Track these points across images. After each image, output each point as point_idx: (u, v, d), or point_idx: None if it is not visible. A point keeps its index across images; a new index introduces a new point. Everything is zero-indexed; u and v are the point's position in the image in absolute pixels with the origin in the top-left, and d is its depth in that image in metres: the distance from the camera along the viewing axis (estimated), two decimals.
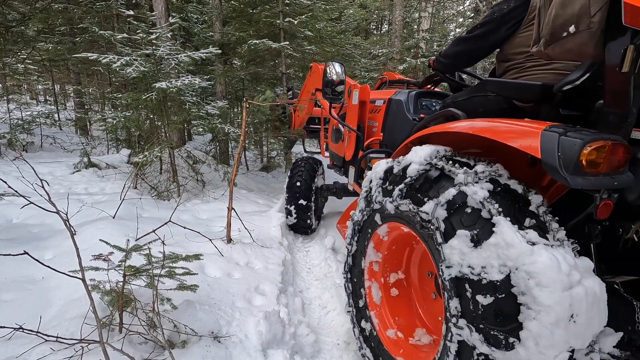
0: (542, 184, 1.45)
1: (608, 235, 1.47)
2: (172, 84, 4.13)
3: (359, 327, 2.01)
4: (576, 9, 1.19)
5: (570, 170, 1.12)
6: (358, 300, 2.05)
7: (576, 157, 1.11)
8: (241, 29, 7.24)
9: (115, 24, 7.38)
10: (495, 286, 1.15)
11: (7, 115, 7.27)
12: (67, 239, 2.57)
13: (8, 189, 2.18)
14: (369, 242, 1.99)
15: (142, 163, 4.25)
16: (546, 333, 1.05)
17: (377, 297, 2.01)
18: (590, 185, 1.13)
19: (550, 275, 1.06)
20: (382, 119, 2.97)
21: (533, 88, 1.56)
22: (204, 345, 1.81)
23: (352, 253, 2.12)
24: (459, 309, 1.26)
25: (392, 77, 3.72)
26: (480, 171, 1.38)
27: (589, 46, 1.21)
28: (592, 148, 1.11)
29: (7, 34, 6.76)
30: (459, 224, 1.29)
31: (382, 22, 20.07)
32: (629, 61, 1.11)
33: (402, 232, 1.77)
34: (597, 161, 1.12)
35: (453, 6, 15.39)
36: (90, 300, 1.63)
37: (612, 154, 1.13)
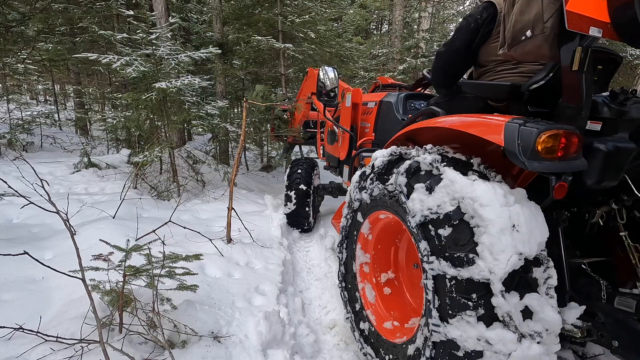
0: (512, 172, 1.60)
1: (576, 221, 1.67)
2: (172, 84, 4.13)
3: (358, 330, 2.08)
4: (532, 15, 1.37)
5: (527, 156, 1.28)
6: (354, 304, 2.14)
7: (532, 144, 1.26)
8: (241, 29, 7.25)
9: (115, 24, 7.38)
10: (450, 217, 1.37)
11: (7, 115, 7.27)
12: (67, 239, 2.57)
13: (8, 189, 2.18)
14: (356, 244, 2.15)
15: (142, 163, 4.24)
16: (495, 241, 1.25)
17: (371, 296, 2.12)
18: (545, 169, 1.29)
19: (489, 196, 1.30)
20: (373, 120, 3.12)
21: (503, 88, 1.73)
22: (204, 345, 1.81)
23: (343, 261, 2.28)
24: (428, 248, 1.45)
25: (384, 82, 3.85)
26: (429, 148, 1.65)
27: (544, 48, 1.39)
28: (546, 136, 1.26)
29: (7, 34, 6.75)
30: (416, 181, 1.54)
31: (382, 22, 20.06)
32: (577, 61, 1.29)
33: (381, 221, 1.99)
34: (553, 148, 1.28)
35: (453, 6, 15.39)
36: (90, 300, 1.63)
37: (565, 142, 1.29)
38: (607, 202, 1.59)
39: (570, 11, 1.20)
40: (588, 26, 1.22)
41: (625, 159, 1.43)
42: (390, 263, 2.21)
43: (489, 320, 1.27)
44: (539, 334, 1.26)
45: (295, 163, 4.27)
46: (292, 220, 4.06)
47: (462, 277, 1.32)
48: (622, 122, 1.45)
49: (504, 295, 1.24)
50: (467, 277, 1.30)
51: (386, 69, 11.12)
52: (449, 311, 1.36)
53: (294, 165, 4.20)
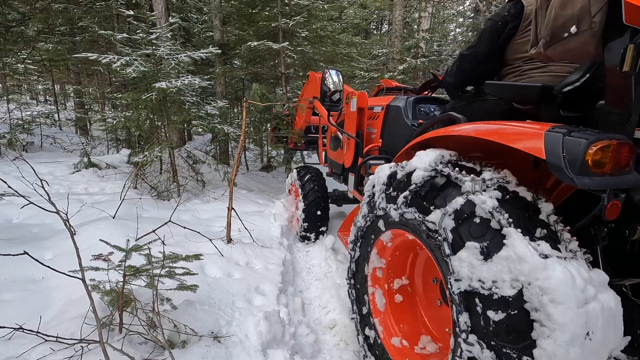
0: (546, 185, 1.44)
1: (614, 238, 1.43)
2: (172, 84, 4.13)
3: (363, 335, 1.99)
4: (576, 9, 1.19)
5: (576, 171, 1.10)
6: (362, 307, 2.03)
7: (582, 157, 1.09)
8: (241, 28, 7.25)
9: (115, 24, 7.38)
10: (507, 302, 1.10)
11: (7, 115, 7.27)
12: (67, 239, 2.57)
13: (8, 189, 2.18)
14: (372, 248, 1.95)
15: (142, 163, 4.25)
16: (561, 352, 1.00)
17: (380, 304, 1.97)
18: (597, 186, 1.11)
19: (565, 291, 1.02)
20: (380, 126, 2.98)
21: (533, 89, 1.56)
22: (204, 345, 1.81)
23: (355, 259, 2.10)
24: (469, 324, 1.22)
25: (388, 85, 3.71)
26: (488, 178, 1.33)
27: (590, 46, 1.20)
28: (597, 148, 1.09)
29: (7, 34, 6.75)
30: (468, 235, 1.24)
31: (382, 22, 20.06)
32: (629, 60, 1.11)
33: (407, 239, 1.73)
34: (603, 161, 1.11)
35: (453, 6, 15.39)
36: (90, 300, 1.63)
37: (617, 154, 1.12)
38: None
39: (629, 2, 1.04)
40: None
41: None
42: (406, 269, 2.03)
43: None
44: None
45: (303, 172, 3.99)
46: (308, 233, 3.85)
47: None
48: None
49: None
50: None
51: (386, 69, 11.12)
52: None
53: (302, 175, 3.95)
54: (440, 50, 10.82)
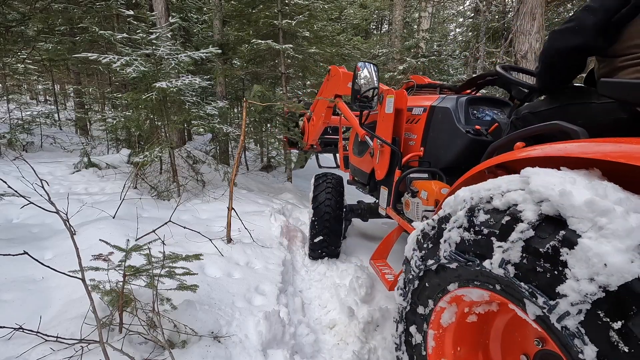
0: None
1: None
2: (172, 84, 4.14)
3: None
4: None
5: None
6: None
7: None
8: (241, 28, 7.25)
9: (115, 24, 7.39)
10: None
11: (7, 115, 7.27)
12: (67, 239, 2.57)
13: (8, 189, 2.18)
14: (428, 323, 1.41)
15: (142, 163, 4.25)
16: None
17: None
18: None
19: None
20: (421, 131, 2.47)
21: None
22: (204, 345, 1.81)
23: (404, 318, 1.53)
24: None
25: (420, 81, 3.17)
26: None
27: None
28: None
29: (7, 34, 6.76)
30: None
31: (382, 22, 20.06)
32: None
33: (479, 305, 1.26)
34: None
35: (453, 6, 15.39)
36: (90, 300, 1.63)
37: None
38: None
39: None
40: None
41: None
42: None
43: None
44: None
45: (321, 180, 3.43)
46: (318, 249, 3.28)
47: None
48: None
49: None
50: None
51: (386, 69, 11.12)
52: None
53: (319, 183, 3.40)
54: (440, 50, 10.82)
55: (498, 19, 10.49)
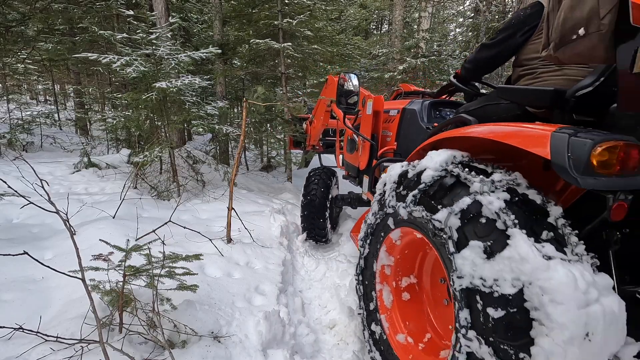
0: (556, 188, 1.42)
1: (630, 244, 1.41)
2: (172, 84, 4.13)
3: (369, 330, 2.00)
4: (585, 11, 1.18)
5: (580, 171, 1.11)
6: (369, 303, 2.04)
7: (586, 158, 1.10)
8: (241, 28, 7.25)
9: (115, 24, 7.38)
10: (508, 300, 1.12)
11: (7, 115, 7.27)
12: (67, 239, 2.57)
13: (8, 189, 2.18)
14: (381, 245, 1.97)
15: (142, 163, 4.25)
16: (559, 351, 1.01)
17: (388, 300, 1.99)
18: (602, 186, 1.11)
19: (566, 292, 1.03)
20: (396, 129, 2.98)
21: (545, 94, 1.54)
22: (204, 345, 1.81)
23: (364, 255, 2.12)
24: (469, 320, 1.24)
25: (407, 89, 3.68)
26: (497, 180, 1.32)
27: (599, 49, 1.19)
28: (603, 148, 1.09)
29: (7, 34, 6.76)
30: (473, 234, 1.25)
31: (382, 22, 20.07)
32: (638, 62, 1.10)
33: (415, 237, 1.76)
34: (610, 162, 1.10)
35: (453, 6, 15.40)
36: (90, 300, 1.63)
37: (624, 155, 1.11)
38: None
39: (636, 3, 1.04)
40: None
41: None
42: (415, 268, 2.04)
43: None
44: None
45: (313, 173, 4.05)
46: (308, 233, 3.86)
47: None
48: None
49: None
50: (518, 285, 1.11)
51: (386, 69, 11.12)
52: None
53: (310, 175, 4.01)
54: (440, 50, 10.82)
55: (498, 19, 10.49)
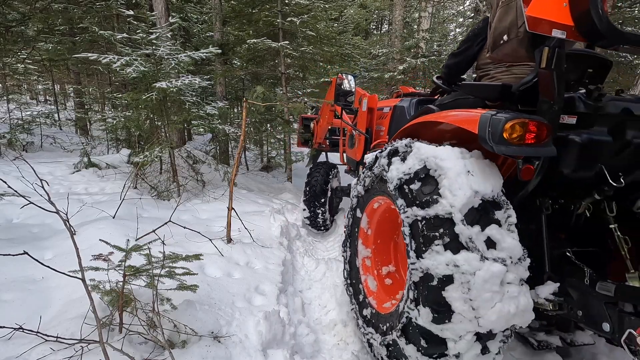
0: (497, 162, 1.73)
1: (564, 213, 1.83)
2: (172, 84, 4.13)
3: (362, 317, 2.18)
4: (507, 22, 1.55)
5: (496, 141, 1.46)
6: (358, 296, 2.28)
7: (500, 131, 1.44)
8: (241, 28, 7.25)
9: (115, 24, 7.38)
10: (418, 173, 1.66)
11: (7, 115, 7.27)
12: (67, 239, 2.57)
13: (8, 189, 2.18)
14: (357, 240, 2.34)
15: (142, 163, 4.24)
16: (453, 182, 1.51)
17: (373, 285, 2.26)
18: (511, 152, 1.47)
19: (448, 153, 1.61)
20: (388, 124, 3.28)
21: (495, 88, 1.89)
22: (204, 345, 1.81)
23: (347, 259, 2.44)
24: (404, 203, 1.69)
25: (405, 90, 3.97)
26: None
27: (520, 50, 1.53)
28: (512, 124, 1.44)
29: (7, 34, 6.75)
30: (394, 157, 1.85)
31: (382, 22, 20.06)
32: (545, 59, 1.43)
33: (377, 211, 2.22)
34: (521, 135, 1.45)
35: (453, 6, 15.39)
36: (90, 300, 1.63)
37: (536, 130, 1.45)
38: (591, 194, 1.69)
39: (530, 16, 1.34)
40: (550, 29, 1.35)
41: (599, 150, 1.55)
42: (391, 257, 2.34)
43: (455, 247, 1.46)
44: (502, 260, 1.44)
45: (314, 167, 4.58)
46: (309, 220, 4.32)
47: (430, 215, 1.55)
48: (598, 117, 1.58)
49: (464, 223, 1.46)
50: (434, 214, 1.53)
51: (386, 69, 11.12)
52: (422, 247, 1.56)
53: (312, 169, 4.51)
54: (440, 50, 10.81)
55: None
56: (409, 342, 1.64)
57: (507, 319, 1.39)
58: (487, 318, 1.38)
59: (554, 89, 1.47)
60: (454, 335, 1.46)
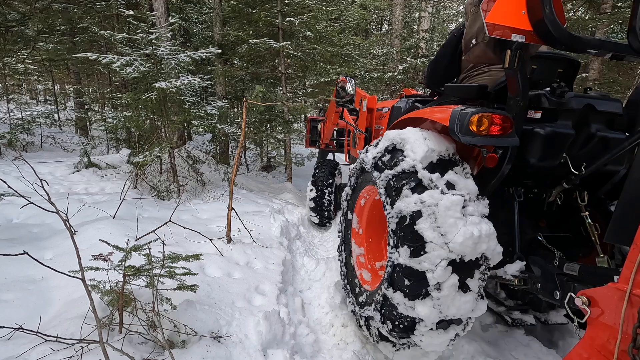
0: (473, 155, 1.94)
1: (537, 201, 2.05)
2: (172, 84, 4.13)
3: (359, 305, 2.28)
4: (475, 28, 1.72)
5: (462, 132, 1.65)
6: (355, 289, 2.39)
7: (466, 123, 1.64)
8: (241, 28, 7.25)
9: (115, 24, 7.37)
10: (387, 148, 1.97)
11: (7, 115, 7.27)
12: (67, 239, 2.57)
13: (8, 189, 2.18)
14: (351, 241, 2.51)
15: (142, 163, 4.24)
16: (413, 144, 1.83)
17: (367, 277, 2.39)
18: (476, 142, 1.67)
19: (410, 131, 1.91)
20: (386, 123, 3.43)
21: (473, 89, 2.03)
22: (204, 345, 1.81)
23: (344, 262, 2.58)
24: (379, 175, 1.98)
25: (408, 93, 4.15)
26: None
27: (488, 52, 1.69)
28: (478, 117, 1.62)
29: (7, 34, 6.75)
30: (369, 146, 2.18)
31: (382, 22, 20.06)
32: (507, 60, 1.58)
33: (364, 208, 2.43)
34: (487, 127, 1.63)
35: (453, 6, 15.38)
36: (90, 300, 1.63)
37: (501, 123, 1.64)
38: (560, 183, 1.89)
39: (489, 22, 1.48)
40: (510, 33, 1.49)
41: (562, 142, 1.75)
42: (383, 254, 2.46)
43: (420, 189, 1.72)
44: (461, 194, 1.67)
45: (320, 164, 4.88)
46: (315, 212, 4.62)
47: (398, 171, 1.82)
48: (562, 112, 1.76)
49: (426, 170, 1.73)
50: (401, 169, 1.81)
51: (386, 69, 11.11)
52: (395, 197, 1.82)
53: (316, 167, 4.80)
54: None
55: None
56: (395, 290, 1.78)
57: (474, 242, 1.57)
58: (455, 241, 1.56)
59: (519, 86, 1.64)
60: (431, 264, 1.61)
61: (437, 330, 1.68)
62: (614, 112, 1.81)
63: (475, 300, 1.67)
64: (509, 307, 2.36)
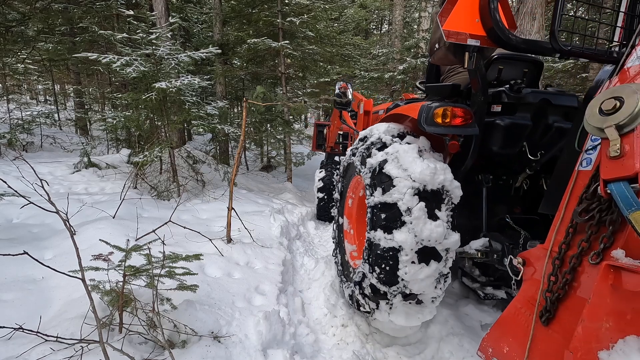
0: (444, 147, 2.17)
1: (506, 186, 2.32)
2: (172, 84, 4.13)
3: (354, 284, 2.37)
4: (437, 35, 1.86)
5: (427, 123, 1.92)
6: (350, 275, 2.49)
7: (430, 115, 1.90)
8: (241, 28, 7.25)
9: (115, 24, 7.38)
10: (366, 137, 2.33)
11: (7, 115, 7.27)
12: (67, 239, 2.57)
13: (8, 189, 2.18)
14: (343, 242, 2.70)
15: (142, 163, 4.24)
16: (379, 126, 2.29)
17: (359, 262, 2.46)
18: (439, 131, 1.92)
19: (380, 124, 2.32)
20: None
21: (447, 87, 2.29)
22: (204, 345, 1.81)
23: (340, 262, 2.72)
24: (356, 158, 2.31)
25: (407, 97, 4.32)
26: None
27: (449, 55, 1.85)
28: (441, 110, 1.88)
29: (7, 34, 6.75)
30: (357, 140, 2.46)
31: (382, 22, 20.06)
32: (466, 61, 1.78)
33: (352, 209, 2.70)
34: (449, 119, 1.89)
35: None
36: (90, 300, 1.63)
37: (462, 115, 1.90)
38: (524, 169, 2.16)
39: (445, 29, 1.67)
40: (465, 38, 1.68)
41: (521, 132, 1.99)
42: None
43: (384, 147, 2.08)
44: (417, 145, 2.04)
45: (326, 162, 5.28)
46: (319, 212, 5.01)
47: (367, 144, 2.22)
48: (520, 105, 1.99)
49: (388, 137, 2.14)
50: (370, 142, 2.22)
51: (386, 69, 11.11)
52: (366, 158, 2.16)
53: (321, 166, 5.17)
54: None
55: None
56: (376, 229, 1.95)
57: (431, 172, 1.84)
58: (415, 171, 1.85)
59: (478, 83, 1.87)
60: (400, 194, 1.85)
61: (420, 264, 1.84)
62: (569, 106, 2.01)
63: (446, 229, 1.85)
64: (482, 282, 2.53)
